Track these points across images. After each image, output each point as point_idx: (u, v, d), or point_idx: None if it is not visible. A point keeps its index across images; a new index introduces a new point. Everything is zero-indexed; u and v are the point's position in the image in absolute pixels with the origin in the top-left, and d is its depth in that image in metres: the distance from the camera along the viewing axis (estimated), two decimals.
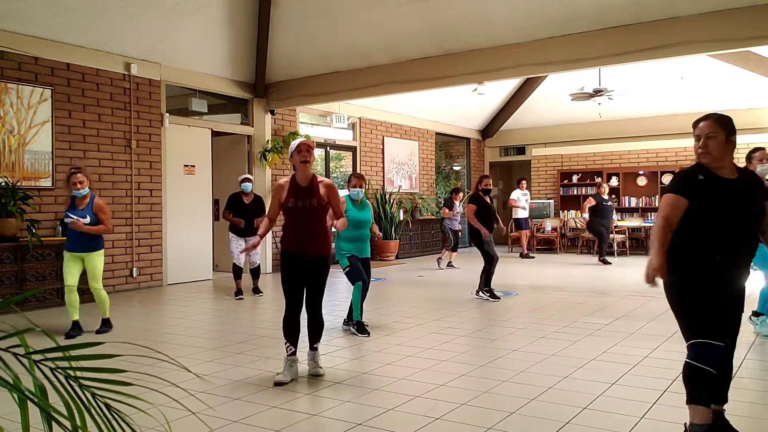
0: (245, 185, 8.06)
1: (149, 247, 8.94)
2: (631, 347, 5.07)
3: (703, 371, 2.85)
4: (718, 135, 2.87)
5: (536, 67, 8.47)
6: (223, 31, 9.36)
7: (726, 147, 2.88)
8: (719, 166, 2.91)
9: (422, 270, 11.19)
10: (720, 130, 2.87)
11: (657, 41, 7.31)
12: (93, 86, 8.23)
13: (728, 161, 2.92)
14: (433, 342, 5.35)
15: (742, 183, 2.93)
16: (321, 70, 9.97)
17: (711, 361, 2.84)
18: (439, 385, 4.06)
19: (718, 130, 2.87)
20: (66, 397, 1.25)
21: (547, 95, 14.23)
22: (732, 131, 2.91)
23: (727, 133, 2.88)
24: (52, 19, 7.53)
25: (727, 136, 2.88)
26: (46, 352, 1.29)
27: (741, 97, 12.68)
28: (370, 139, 13.09)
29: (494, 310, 7.10)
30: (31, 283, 7.06)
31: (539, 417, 3.47)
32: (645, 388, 3.95)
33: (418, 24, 8.55)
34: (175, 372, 2.85)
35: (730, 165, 2.92)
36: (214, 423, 3.30)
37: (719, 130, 2.87)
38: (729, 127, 2.91)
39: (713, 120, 2.91)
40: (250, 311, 7.15)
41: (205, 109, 10.04)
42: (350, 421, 3.40)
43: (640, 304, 7.11)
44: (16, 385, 1.18)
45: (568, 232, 14.90)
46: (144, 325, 6.42)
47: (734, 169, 2.95)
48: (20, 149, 7.48)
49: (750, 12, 6.72)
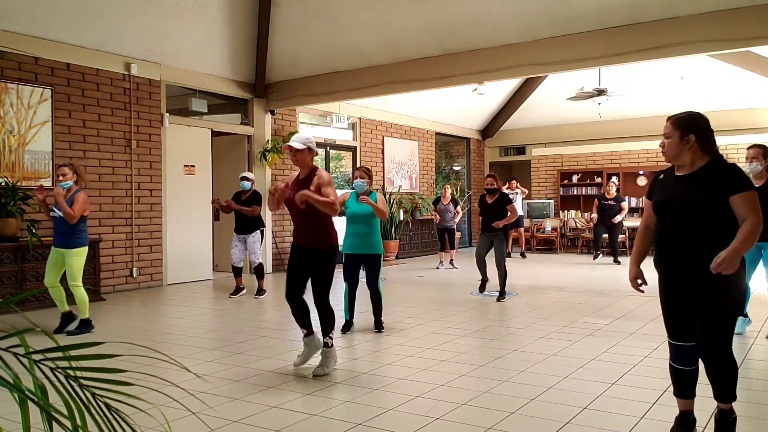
0: (242, 183, 8.16)
1: (149, 247, 8.94)
2: (631, 347, 5.07)
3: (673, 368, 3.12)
4: (672, 135, 2.98)
5: (536, 67, 8.47)
6: (223, 31, 9.35)
7: (680, 146, 2.95)
8: (679, 164, 3.02)
9: (422, 270, 11.18)
10: (674, 130, 2.97)
11: (657, 41, 7.31)
12: (93, 86, 8.23)
13: (687, 159, 2.96)
14: (433, 342, 5.35)
15: (694, 177, 2.93)
16: (321, 70, 9.97)
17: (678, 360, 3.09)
18: (439, 385, 4.05)
19: (673, 130, 2.98)
20: (66, 397, 1.25)
21: (547, 95, 14.22)
22: (690, 130, 2.93)
23: (682, 132, 2.94)
24: (52, 19, 7.53)
25: (681, 135, 2.94)
26: (46, 352, 1.29)
27: (741, 97, 12.68)
28: (370, 139, 13.09)
29: (494, 310, 7.10)
30: (31, 283, 7.06)
31: (539, 417, 3.46)
32: (645, 388, 3.95)
33: (418, 24, 8.55)
34: (175, 372, 2.85)
35: (690, 162, 2.96)
36: (214, 423, 3.30)
37: (674, 130, 2.97)
38: (685, 126, 2.95)
39: (670, 121, 3.03)
40: (251, 311, 7.15)
41: (205, 109, 10.04)
42: (350, 421, 3.40)
43: (640, 304, 7.10)
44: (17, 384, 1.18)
45: (568, 232, 14.90)
46: (144, 325, 6.41)
47: (696, 165, 2.95)
48: (20, 149, 7.48)
49: (750, 12, 6.72)
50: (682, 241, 2.93)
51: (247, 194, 8.14)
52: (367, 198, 5.75)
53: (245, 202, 8.05)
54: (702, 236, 2.87)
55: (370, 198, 5.84)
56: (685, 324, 3.03)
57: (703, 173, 2.93)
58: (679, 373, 3.09)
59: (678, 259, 2.96)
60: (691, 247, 2.90)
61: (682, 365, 3.07)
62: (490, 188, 7.85)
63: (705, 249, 2.84)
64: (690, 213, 2.90)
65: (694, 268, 2.91)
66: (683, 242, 2.93)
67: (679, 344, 3.06)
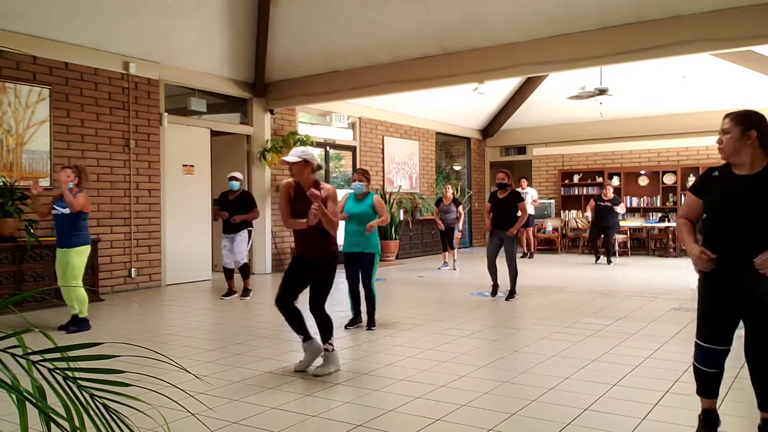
0: (231, 183, 8.02)
1: (148, 247, 8.92)
2: (633, 348, 5.05)
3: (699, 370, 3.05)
4: (732, 130, 2.87)
5: (537, 67, 8.45)
6: (222, 30, 9.33)
7: (740, 142, 2.84)
8: (737, 162, 2.90)
9: (423, 270, 11.17)
10: (735, 125, 2.86)
11: (658, 40, 7.30)
12: (91, 85, 8.20)
13: (746, 156, 2.85)
14: (433, 342, 5.33)
15: (756, 179, 2.83)
16: (321, 69, 9.95)
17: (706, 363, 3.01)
18: (439, 386, 4.03)
19: (733, 126, 2.87)
20: (64, 398, 1.23)
21: (548, 95, 14.21)
22: (750, 126, 2.83)
23: (743, 128, 2.84)
24: (51, 18, 7.50)
25: (742, 131, 2.84)
26: (45, 353, 1.27)
27: (743, 97, 12.63)
28: (370, 138, 13.07)
29: (495, 310, 7.08)
30: (29, 283, 7.04)
31: (540, 418, 3.44)
32: (647, 389, 3.93)
33: (418, 23, 8.53)
34: (174, 373, 2.83)
35: (749, 161, 2.85)
36: (213, 424, 3.28)
37: (734, 126, 2.87)
38: (747, 122, 2.85)
39: (730, 116, 2.92)
40: (250, 312, 7.13)
41: (204, 108, 10.02)
42: (350, 423, 3.38)
43: (641, 304, 7.09)
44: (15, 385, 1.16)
45: (569, 233, 14.89)
46: (143, 325, 6.39)
47: (757, 165, 2.85)
48: (18, 149, 7.46)
49: (752, 11, 6.71)
50: (739, 241, 2.82)
51: (236, 194, 8.01)
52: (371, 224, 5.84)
53: (234, 203, 7.94)
54: (760, 238, 2.77)
55: (367, 199, 5.90)
56: (724, 328, 2.93)
57: (765, 175, 2.82)
58: (705, 375, 3.01)
59: (733, 259, 2.83)
60: (748, 247, 2.77)
61: (710, 368, 2.99)
62: (502, 183, 7.65)
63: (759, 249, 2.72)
64: (750, 214, 2.80)
65: (748, 269, 2.76)
66: (740, 242, 2.82)
67: (711, 347, 2.95)
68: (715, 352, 2.95)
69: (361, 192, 5.97)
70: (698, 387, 3.07)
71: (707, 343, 2.97)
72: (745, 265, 2.75)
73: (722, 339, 2.94)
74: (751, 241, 2.77)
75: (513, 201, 7.57)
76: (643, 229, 13.92)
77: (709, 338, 2.96)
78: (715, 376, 3.01)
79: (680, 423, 3.34)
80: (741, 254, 2.78)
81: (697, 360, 3.02)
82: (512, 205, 7.54)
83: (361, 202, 5.97)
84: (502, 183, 7.67)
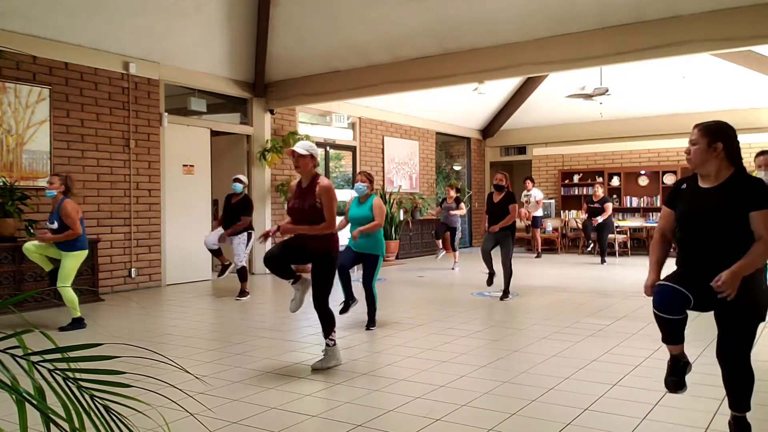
0: (234, 185, 8.01)
1: (148, 247, 8.92)
2: (633, 348, 5.05)
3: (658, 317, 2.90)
4: (699, 142, 2.91)
5: (537, 67, 8.45)
6: (222, 30, 9.33)
7: (707, 153, 2.87)
8: (703, 173, 2.95)
9: (423, 270, 11.16)
10: (702, 136, 2.90)
11: (658, 40, 7.29)
12: (91, 85, 8.20)
13: (712, 167, 2.89)
14: (433, 343, 5.33)
15: (719, 190, 2.86)
16: (321, 69, 9.94)
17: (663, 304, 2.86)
18: (439, 386, 4.03)
19: (700, 137, 2.91)
20: (64, 399, 1.23)
21: (548, 94, 14.20)
22: (717, 138, 2.86)
23: (709, 140, 2.88)
24: (50, 18, 7.50)
25: (709, 143, 2.87)
26: (45, 353, 1.27)
27: (743, 97, 12.67)
28: (370, 138, 13.07)
29: (495, 310, 7.08)
30: (29, 283, 7.04)
31: (540, 418, 3.44)
32: (646, 389, 3.92)
33: (418, 23, 8.53)
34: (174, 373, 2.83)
35: (715, 172, 2.89)
36: (213, 424, 3.28)
37: (701, 137, 2.91)
38: (714, 134, 2.88)
39: (698, 127, 2.96)
40: (250, 312, 7.13)
41: (204, 108, 10.01)
42: (350, 422, 3.38)
43: (641, 304, 7.08)
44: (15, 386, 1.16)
45: (569, 232, 14.89)
46: (142, 325, 6.39)
47: (721, 176, 2.88)
48: (18, 149, 7.45)
49: (752, 11, 6.70)
50: (706, 251, 2.87)
51: (239, 197, 8.00)
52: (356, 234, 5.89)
53: (235, 207, 7.94)
54: (726, 248, 2.80)
55: (368, 201, 5.91)
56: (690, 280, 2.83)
57: (728, 185, 2.86)
58: (666, 321, 2.88)
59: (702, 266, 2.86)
60: (716, 257, 2.81)
61: (669, 313, 2.84)
62: (499, 185, 7.69)
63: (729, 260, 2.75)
64: (715, 225, 2.84)
65: None
66: (707, 253, 2.86)
67: (671, 285, 2.84)
68: (674, 291, 2.82)
69: (363, 193, 6.01)
70: (662, 334, 2.97)
71: (668, 281, 2.87)
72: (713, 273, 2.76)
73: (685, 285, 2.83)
74: (719, 252, 2.81)
75: (507, 203, 7.63)
76: (643, 229, 13.91)
77: (672, 279, 2.88)
78: (676, 323, 2.88)
79: (680, 423, 3.34)
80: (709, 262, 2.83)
81: (655, 304, 2.87)
82: (507, 207, 7.59)
83: (363, 205, 5.99)
84: (498, 185, 7.72)
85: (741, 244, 2.78)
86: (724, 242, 2.82)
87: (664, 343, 3.01)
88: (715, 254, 2.82)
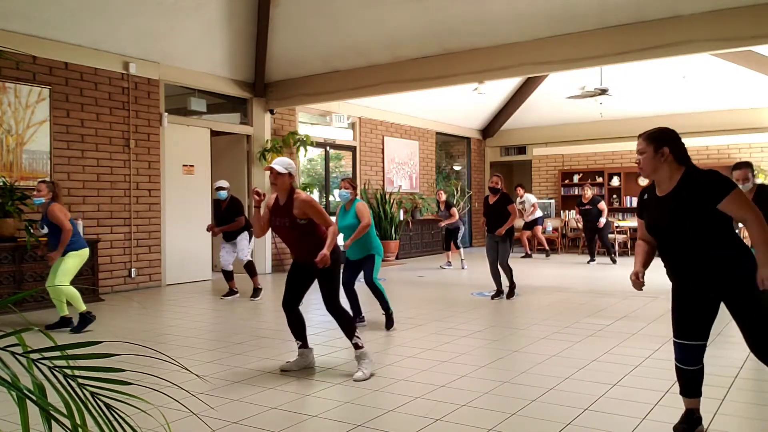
0: (219, 193, 7.91)
1: (148, 247, 8.91)
2: (633, 348, 5.05)
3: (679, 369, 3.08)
4: (646, 150, 2.94)
5: (537, 67, 8.45)
6: (222, 30, 9.33)
7: (656, 159, 2.90)
8: (657, 179, 2.98)
9: (423, 270, 11.16)
10: (648, 144, 2.93)
11: (658, 40, 7.30)
12: (91, 85, 8.20)
13: (664, 173, 2.92)
14: (433, 342, 5.33)
15: (675, 196, 2.89)
16: (321, 69, 9.94)
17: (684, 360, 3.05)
18: (439, 386, 4.03)
19: (646, 145, 2.94)
20: (65, 396, 1.23)
21: (548, 94, 14.21)
22: (662, 143, 2.89)
23: (655, 146, 2.90)
24: (50, 18, 7.50)
25: (656, 149, 2.90)
26: (44, 351, 1.27)
27: (743, 97, 12.67)
28: (370, 138, 13.07)
29: (495, 310, 7.07)
30: (29, 283, 7.03)
31: (540, 418, 3.44)
32: (646, 389, 3.93)
33: (418, 23, 8.53)
34: (175, 372, 2.83)
35: (668, 176, 2.92)
36: (214, 424, 3.28)
37: (647, 145, 2.94)
38: (659, 140, 2.91)
39: (642, 137, 2.99)
40: (250, 312, 7.12)
41: (204, 108, 10.01)
42: (350, 422, 3.38)
43: (641, 305, 7.08)
44: (15, 383, 1.16)
45: (569, 233, 14.89)
46: (143, 325, 6.39)
47: (674, 179, 2.90)
48: (18, 149, 7.45)
49: (752, 11, 6.71)
50: (682, 257, 2.93)
51: (226, 203, 7.94)
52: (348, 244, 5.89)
53: (225, 213, 7.92)
54: (700, 245, 2.85)
55: (351, 208, 5.93)
56: (696, 323, 2.98)
57: (682, 189, 2.88)
58: (686, 373, 3.06)
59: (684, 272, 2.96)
60: (693, 256, 2.88)
61: (688, 365, 3.03)
62: (494, 187, 7.71)
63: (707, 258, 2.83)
64: (679, 231, 2.88)
65: (704, 278, 2.90)
66: (684, 258, 2.93)
67: (686, 343, 3.01)
68: (692, 347, 3.00)
69: (347, 200, 6.05)
70: (681, 387, 3.12)
71: (682, 339, 3.03)
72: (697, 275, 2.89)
73: (696, 334, 2.99)
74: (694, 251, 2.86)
75: (503, 204, 7.61)
76: None
77: (683, 335, 3.02)
78: (695, 374, 3.04)
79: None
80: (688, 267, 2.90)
81: (677, 359, 3.07)
82: (503, 209, 7.58)
83: (348, 213, 6.00)
84: (494, 188, 7.73)
85: (713, 238, 2.82)
86: (691, 242, 2.86)
87: (682, 396, 3.12)
88: (687, 255, 2.89)
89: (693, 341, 3.00)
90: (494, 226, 7.60)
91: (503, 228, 7.48)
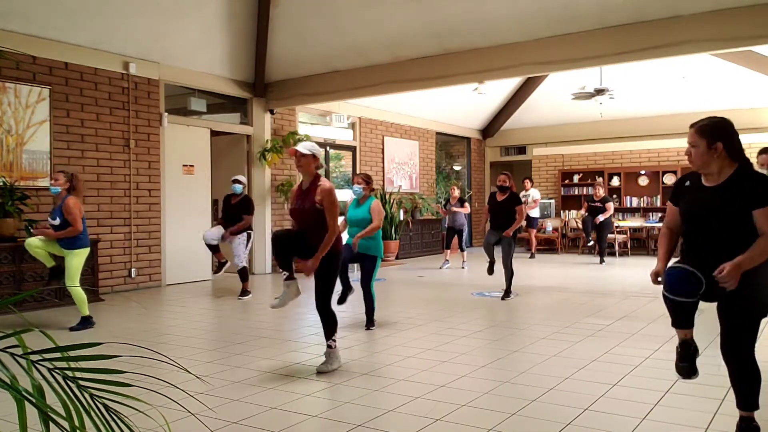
0: (234, 186, 7.98)
1: (148, 247, 8.91)
2: (633, 348, 5.05)
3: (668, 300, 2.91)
4: (699, 144, 2.90)
5: (537, 67, 8.45)
6: (222, 30, 9.33)
7: (708, 154, 2.87)
8: (706, 173, 2.95)
9: (423, 270, 11.17)
10: (700, 138, 2.90)
11: (658, 40, 7.29)
12: (91, 85, 8.20)
13: (715, 167, 2.89)
14: (433, 342, 5.33)
15: (720, 190, 2.87)
16: (321, 69, 9.94)
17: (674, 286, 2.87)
18: (439, 386, 4.03)
19: (699, 139, 2.90)
20: (64, 398, 1.23)
21: (548, 95, 14.20)
22: (717, 138, 2.86)
23: (709, 141, 2.87)
24: (50, 18, 7.50)
25: (709, 144, 2.87)
26: (44, 353, 1.27)
27: (743, 97, 12.67)
28: (370, 138, 13.06)
29: (495, 310, 7.07)
30: (29, 283, 7.03)
31: (540, 418, 3.44)
32: (646, 389, 3.93)
33: (418, 23, 8.53)
34: (175, 373, 2.83)
35: (718, 170, 2.90)
36: (213, 424, 3.28)
37: (699, 139, 2.90)
38: (712, 134, 2.88)
39: (694, 129, 2.94)
40: (250, 312, 7.13)
41: (204, 108, 10.01)
42: (350, 423, 3.38)
43: (641, 305, 7.08)
44: (14, 384, 1.16)
45: (569, 233, 14.88)
46: (143, 325, 6.39)
47: (724, 174, 2.89)
48: (18, 149, 7.45)
49: (752, 11, 6.70)
50: (710, 246, 2.88)
51: (238, 198, 7.99)
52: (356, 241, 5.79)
53: (236, 208, 7.93)
54: (729, 244, 2.81)
55: (366, 203, 5.90)
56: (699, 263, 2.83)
57: (731, 184, 2.86)
58: (676, 304, 2.89)
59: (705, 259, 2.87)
60: (719, 252, 2.82)
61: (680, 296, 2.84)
62: (502, 185, 7.65)
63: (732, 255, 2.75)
64: (717, 223, 2.86)
65: None
66: (710, 247, 2.88)
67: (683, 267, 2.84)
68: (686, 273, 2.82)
69: (360, 196, 5.99)
70: (672, 318, 2.98)
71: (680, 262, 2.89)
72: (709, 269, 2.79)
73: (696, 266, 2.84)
74: (721, 248, 2.82)
75: (512, 204, 7.57)
76: (643, 229, 13.91)
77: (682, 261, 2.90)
78: (687, 306, 2.88)
79: (680, 423, 3.34)
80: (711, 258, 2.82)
81: (666, 288, 2.87)
82: (511, 208, 7.54)
83: (362, 206, 5.98)
84: (502, 186, 7.66)
85: (743, 241, 2.78)
86: (726, 239, 2.83)
87: (674, 327, 3.02)
88: (718, 249, 2.83)
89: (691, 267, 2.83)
90: (499, 224, 7.57)
91: (511, 229, 7.46)
